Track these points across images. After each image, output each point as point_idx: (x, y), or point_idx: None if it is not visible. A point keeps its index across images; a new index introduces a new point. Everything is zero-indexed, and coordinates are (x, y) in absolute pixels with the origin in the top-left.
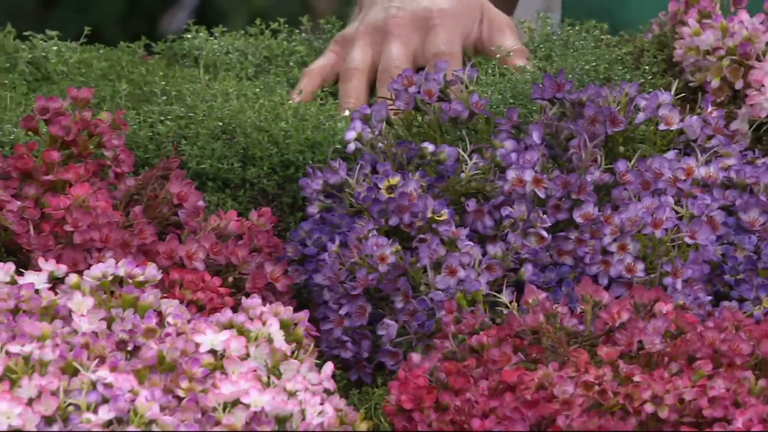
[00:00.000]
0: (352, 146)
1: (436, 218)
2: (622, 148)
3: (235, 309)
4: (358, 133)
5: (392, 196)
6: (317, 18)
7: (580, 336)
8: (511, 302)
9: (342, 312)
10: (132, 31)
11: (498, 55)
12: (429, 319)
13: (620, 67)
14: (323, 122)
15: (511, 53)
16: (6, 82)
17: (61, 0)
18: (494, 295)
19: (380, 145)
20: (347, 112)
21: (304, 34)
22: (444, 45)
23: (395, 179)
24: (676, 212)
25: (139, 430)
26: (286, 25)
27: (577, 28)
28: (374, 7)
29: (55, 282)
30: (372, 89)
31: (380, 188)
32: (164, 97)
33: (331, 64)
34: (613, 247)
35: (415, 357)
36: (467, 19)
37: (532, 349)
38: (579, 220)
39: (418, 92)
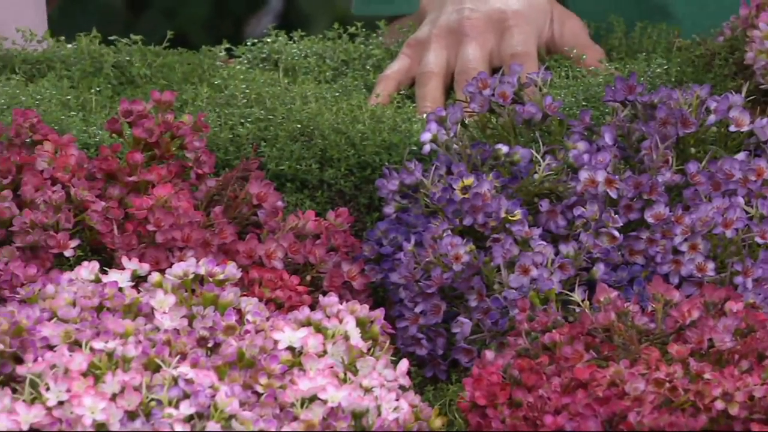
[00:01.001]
0: (427, 147)
1: (510, 218)
2: (693, 150)
3: (312, 307)
4: (434, 135)
5: (466, 196)
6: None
7: (651, 334)
8: (583, 301)
9: (417, 310)
10: (218, 35)
11: (572, 55)
12: (502, 317)
13: (691, 70)
14: (399, 124)
15: (584, 56)
16: (91, 85)
17: (149, 4)
18: (566, 294)
19: (455, 146)
20: (425, 116)
21: (380, 38)
22: (520, 46)
23: (469, 180)
24: (747, 212)
25: (219, 425)
26: (363, 29)
27: (649, 30)
28: (445, 9)
29: (138, 280)
30: (448, 92)
31: (455, 189)
32: (244, 100)
33: (405, 68)
34: (684, 247)
35: (489, 354)
36: (539, 19)
37: (603, 347)
38: (650, 220)
39: (493, 95)
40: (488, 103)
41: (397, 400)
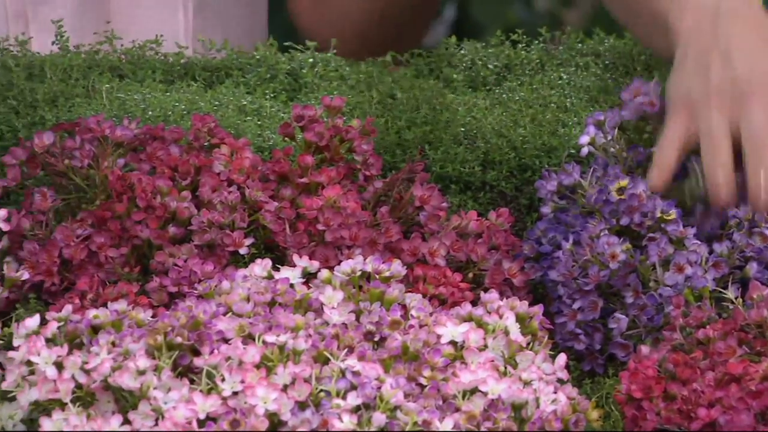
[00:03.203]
0: (585, 150)
1: (665, 218)
2: None
3: (474, 303)
4: (592, 138)
5: (622, 197)
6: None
7: None
8: (736, 298)
9: (575, 306)
10: None
11: None
12: (657, 313)
13: None
14: (559, 128)
15: None
16: (266, 91)
17: None
18: (720, 291)
19: (612, 149)
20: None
21: (542, 45)
22: None
23: (624, 182)
24: None
25: (384, 415)
26: (524, 36)
27: None
28: None
29: (308, 277)
30: None
31: (610, 190)
32: (410, 105)
33: None
34: None
35: (645, 349)
36: None
37: (756, 343)
38: None
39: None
40: (641, 109)
41: (555, 392)
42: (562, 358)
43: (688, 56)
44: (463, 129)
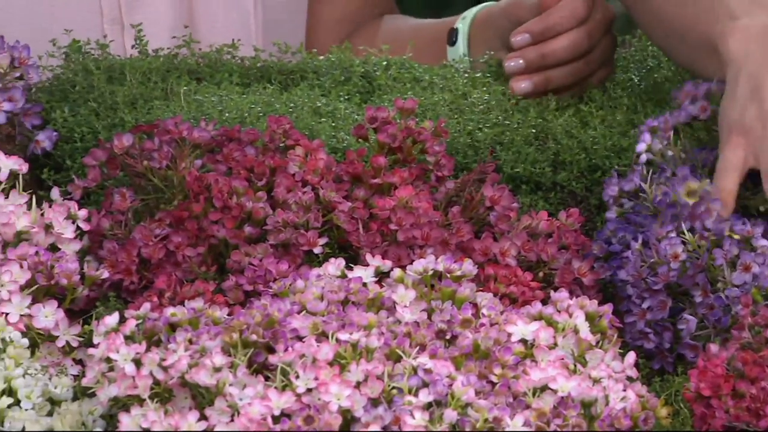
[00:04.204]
0: (644, 157)
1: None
2: None
3: (544, 302)
4: (648, 145)
5: (694, 200)
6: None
7: None
8: None
9: (644, 306)
10: None
11: None
12: (725, 315)
13: None
14: (629, 129)
15: None
16: (341, 93)
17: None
18: None
19: (669, 153)
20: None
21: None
22: None
23: (694, 185)
24: None
25: (455, 412)
26: None
27: None
28: None
29: (381, 276)
30: None
31: (677, 192)
32: (482, 106)
33: None
34: None
35: (714, 347)
36: None
37: None
38: None
39: None
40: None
41: (624, 390)
42: (631, 356)
43: (740, 81)
44: (533, 130)
